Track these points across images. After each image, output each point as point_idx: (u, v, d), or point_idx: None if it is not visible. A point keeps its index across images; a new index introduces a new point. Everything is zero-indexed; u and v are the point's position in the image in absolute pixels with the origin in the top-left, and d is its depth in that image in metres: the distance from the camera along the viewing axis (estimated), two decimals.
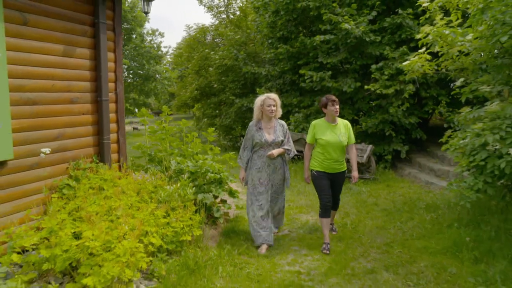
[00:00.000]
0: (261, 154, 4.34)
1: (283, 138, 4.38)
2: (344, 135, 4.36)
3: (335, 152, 4.34)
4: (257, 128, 4.34)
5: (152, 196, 4.01)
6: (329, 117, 4.38)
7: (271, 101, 4.28)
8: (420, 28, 5.63)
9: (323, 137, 4.31)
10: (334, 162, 4.37)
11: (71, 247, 2.91)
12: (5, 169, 3.32)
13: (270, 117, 4.31)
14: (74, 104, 4.01)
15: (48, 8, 3.65)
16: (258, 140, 4.29)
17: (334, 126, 4.37)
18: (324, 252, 4.25)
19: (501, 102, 4.12)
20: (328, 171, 4.39)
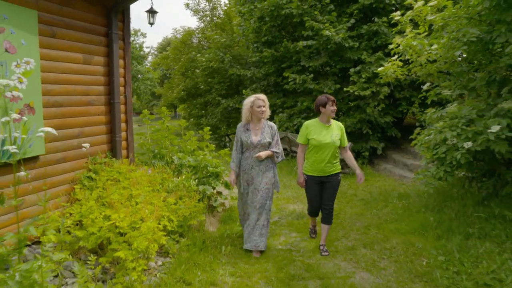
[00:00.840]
0: (247, 156, 4.29)
1: (270, 140, 4.29)
2: (337, 136, 4.25)
3: (328, 153, 4.21)
4: (245, 129, 4.29)
5: (161, 187, 4.57)
6: (324, 118, 4.27)
7: (260, 102, 4.21)
8: (394, 35, 6.34)
9: (315, 137, 4.20)
10: (326, 163, 4.24)
11: (103, 227, 3.46)
12: (38, 163, 3.83)
13: (259, 118, 4.26)
14: (91, 106, 4.53)
15: (71, 22, 4.16)
16: (244, 141, 4.24)
17: (328, 126, 4.26)
18: (312, 236, 4.77)
19: (459, 104, 4.87)
20: (320, 174, 4.29)
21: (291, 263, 4.12)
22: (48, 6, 3.87)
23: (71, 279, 3.33)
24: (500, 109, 4.26)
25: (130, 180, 4.31)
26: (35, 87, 3.67)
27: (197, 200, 4.66)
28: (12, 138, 3.43)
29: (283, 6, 9.98)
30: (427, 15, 5.32)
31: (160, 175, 4.82)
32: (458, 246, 4.14)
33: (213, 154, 6.01)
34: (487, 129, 4.08)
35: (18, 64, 3.48)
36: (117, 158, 4.85)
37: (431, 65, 5.62)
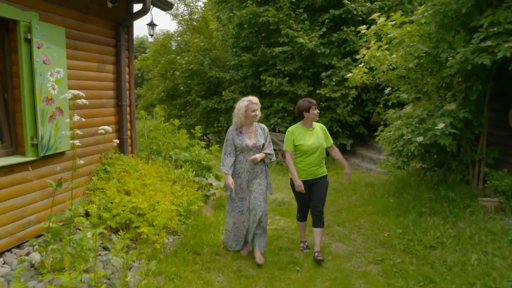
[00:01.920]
0: (241, 160, 4.23)
1: (264, 142, 4.28)
2: (322, 138, 4.30)
3: (316, 156, 4.24)
4: (238, 132, 4.23)
5: (166, 178, 5.31)
6: (307, 122, 4.28)
7: (254, 105, 4.18)
8: (361, 42, 7.32)
9: (303, 143, 4.19)
10: (314, 166, 4.26)
11: (125, 210, 4.18)
12: (65, 157, 4.49)
13: (253, 121, 4.24)
14: (103, 108, 5.21)
15: (89, 36, 4.83)
16: (238, 144, 4.17)
17: (312, 130, 4.28)
18: (304, 251, 4.47)
19: (414, 106, 5.87)
20: (309, 177, 4.28)
21: (279, 238, 4.97)
22: (72, 23, 4.53)
23: (101, 251, 4.04)
24: (445, 110, 5.27)
25: (140, 172, 5.03)
26: (63, 92, 4.33)
27: (196, 189, 5.43)
28: (60, 134, 4.09)
29: (261, 14, 10.81)
30: (388, 32, 6.32)
31: (163, 168, 5.55)
32: (412, 222, 5.12)
33: (204, 150, 6.77)
34: (435, 127, 5.07)
35: (52, 73, 4.14)
36: (125, 154, 5.53)
37: (392, 72, 6.62)
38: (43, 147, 4.05)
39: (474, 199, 5.27)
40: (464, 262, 3.82)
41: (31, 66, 3.90)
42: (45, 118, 4.07)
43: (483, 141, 5.73)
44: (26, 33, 3.84)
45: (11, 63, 3.91)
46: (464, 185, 5.82)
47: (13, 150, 3.98)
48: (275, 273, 3.98)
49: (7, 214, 3.73)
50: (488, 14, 4.55)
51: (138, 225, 4.13)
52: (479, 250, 3.95)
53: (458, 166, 5.94)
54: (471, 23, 4.82)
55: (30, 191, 4.01)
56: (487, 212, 4.86)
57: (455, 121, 5.13)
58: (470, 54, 4.58)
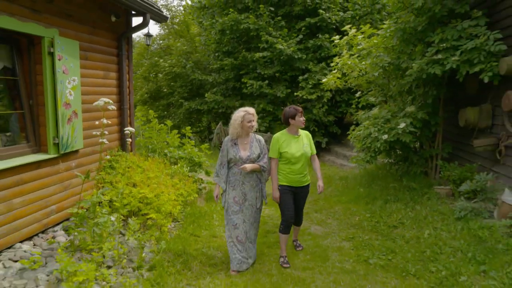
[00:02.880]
0: (235, 171, 4.13)
1: (260, 153, 4.17)
2: (307, 146, 4.29)
3: (300, 164, 4.21)
4: (232, 143, 4.14)
5: (165, 172, 5.98)
6: (293, 129, 4.26)
7: (251, 116, 4.08)
8: (334, 49, 8.17)
9: (288, 150, 4.16)
10: (298, 174, 4.23)
11: (135, 199, 4.84)
12: (78, 154, 5.10)
13: (249, 132, 4.15)
14: (108, 111, 5.82)
15: (96, 47, 5.45)
16: (232, 156, 4.08)
17: (297, 137, 4.26)
18: (284, 266, 4.26)
19: (380, 108, 6.76)
20: (293, 184, 4.25)
21: (265, 224, 5.74)
22: (83, 36, 5.15)
23: (116, 234, 4.69)
24: (406, 112, 6.16)
25: (143, 168, 5.68)
26: (77, 98, 4.95)
27: (191, 182, 6.12)
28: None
29: (242, 21, 11.55)
30: (358, 42, 7.19)
31: (161, 164, 6.21)
32: (379, 207, 5.98)
33: (196, 148, 7.46)
34: (397, 126, 5.95)
35: (69, 81, 4.76)
36: (126, 152, 6.16)
37: (362, 78, 7.49)
38: (63, 145, 4.66)
39: (431, 188, 6.18)
40: (419, 237, 4.69)
41: (53, 76, 4.51)
42: (64, 121, 4.68)
43: (439, 138, 6.66)
44: (50, 47, 4.45)
45: (36, 73, 4.51)
46: (423, 176, 6.75)
47: (37, 148, 4.58)
48: (265, 251, 4.74)
49: (35, 204, 4.33)
50: (438, 32, 5.46)
51: (147, 212, 4.80)
52: (431, 227, 4.82)
53: (418, 160, 6.86)
54: (426, 38, 5.72)
55: (52, 184, 4.62)
56: (440, 197, 5.77)
57: (414, 121, 6.02)
58: (425, 65, 5.47)
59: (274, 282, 3.89)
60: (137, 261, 3.99)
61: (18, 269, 3.59)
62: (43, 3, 4.38)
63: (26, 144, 4.47)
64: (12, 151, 4.20)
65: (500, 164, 5.24)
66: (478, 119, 5.63)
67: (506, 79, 4.99)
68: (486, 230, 4.30)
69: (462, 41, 5.21)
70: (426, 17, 5.60)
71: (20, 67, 4.45)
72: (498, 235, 4.12)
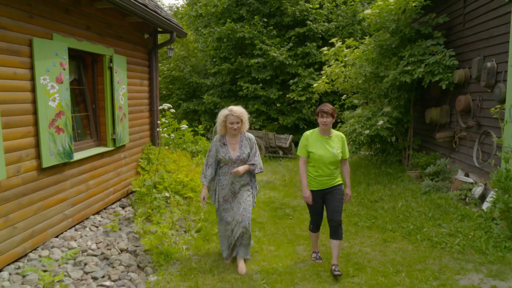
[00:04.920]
0: (225, 171, 4.02)
1: (249, 152, 4.03)
2: (338, 149, 3.97)
3: (329, 167, 3.95)
4: (221, 143, 3.99)
5: (190, 162, 7.27)
6: (321, 129, 3.99)
7: (233, 118, 3.87)
8: (322, 57, 9.62)
9: (315, 151, 3.92)
10: (328, 177, 3.99)
11: (174, 183, 6.11)
12: (126, 148, 6.34)
13: (233, 134, 3.98)
14: (142, 113, 7.07)
15: (136, 60, 6.70)
16: (221, 156, 3.94)
17: (328, 138, 3.96)
18: (317, 261, 4.23)
19: (362, 108, 8.23)
20: (322, 187, 4.02)
21: (273, 203, 7.10)
22: (127, 52, 6.38)
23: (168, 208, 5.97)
24: (383, 111, 7.63)
25: (173, 158, 6.96)
26: (126, 102, 6.20)
27: None
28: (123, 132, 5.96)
29: (237, 31, 12.87)
30: (344, 55, 8.64)
31: (185, 156, 7.50)
32: (363, 189, 7.42)
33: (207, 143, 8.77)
34: (377, 123, 7.41)
35: (121, 89, 6.00)
36: (155, 146, 7.42)
37: (347, 83, 8.95)
38: (118, 140, 5.91)
39: (404, 172, 7.68)
40: (394, 207, 6.13)
41: (111, 85, 5.75)
42: (118, 121, 5.92)
43: (410, 133, 8.18)
44: (109, 63, 5.69)
45: (98, 83, 5.74)
46: (398, 163, 8.25)
47: (98, 142, 5.81)
48: (277, 221, 6.10)
49: (101, 186, 5.57)
50: (408, 49, 6.94)
51: (184, 192, 6.10)
52: (403, 200, 6.28)
53: (394, 151, 8.37)
54: (399, 53, 7.20)
55: (110, 171, 5.86)
56: (411, 179, 7.26)
57: (390, 119, 7.49)
58: (398, 74, 6.94)
59: (290, 239, 5.26)
60: (186, 226, 5.29)
61: (103, 231, 4.85)
62: (106, 29, 5.62)
63: (91, 139, 5.71)
64: (85, 145, 5.44)
65: (455, 151, 6.76)
66: (439, 117, 7.15)
67: (459, 86, 6.50)
68: (443, 199, 5.79)
69: (426, 56, 6.70)
70: (398, 36, 7.08)
71: (85, 78, 5.67)
72: (451, 202, 5.61)
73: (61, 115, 4.49)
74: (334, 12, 13.46)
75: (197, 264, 4.20)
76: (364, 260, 4.38)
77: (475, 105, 6.05)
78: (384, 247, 4.75)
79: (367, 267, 4.19)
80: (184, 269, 4.06)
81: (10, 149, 3.78)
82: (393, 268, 4.10)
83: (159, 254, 4.20)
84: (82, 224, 5.04)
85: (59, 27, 4.53)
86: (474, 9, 6.09)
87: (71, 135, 4.69)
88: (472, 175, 6.11)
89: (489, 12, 5.60)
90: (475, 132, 6.08)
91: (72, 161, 4.78)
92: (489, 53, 5.64)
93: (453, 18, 6.82)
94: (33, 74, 4.07)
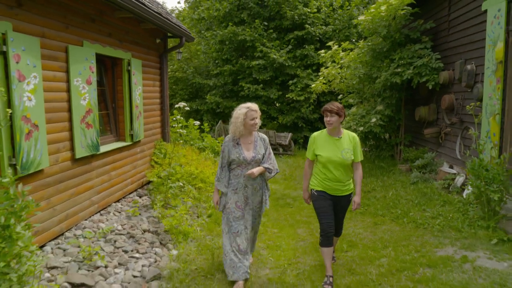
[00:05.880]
0: (238, 174, 3.73)
1: (264, 153, 3.79)
2: (349, 152, 3.62)
3: (337, 171, 3.63)
4: (234, 143, 3.74)
5: (198, 157, 7.88)
6: (329, 129, 3.69)
7: (254, 113, 3.69)
8: (320, 59, 10.26)
9: (322, 153, 3.63)
10: (337, 183, 3.66)
11: (186, 174, 6.73)
12: (140, 143, 6.96)
13: (251, 131, 3.75)
14: (154, 111, 7.69)
15: (149, 63, 7.31)
16: (235, 157, 3.68)
17: (337, 140, 3.65)
18: (326, 286, 3.66)
19: (357, 107, 8.86)
20: (329, 192, 3.70)
21: (274, 193, 7.71)
22: (143, 56, 7.00)
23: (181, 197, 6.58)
24: (376, 110, 8.27)
25: (183, 153, 7.58)
26: (141, 102, 6.82)
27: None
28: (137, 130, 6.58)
29: (239, 34, 13.49)
30: (340, 57, 9.28)
31: (193, 151, 8.12)
32: (363, 185, 8.04)
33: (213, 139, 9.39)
34: (370, 120, 8.04)
35: (137, 90, 6.61)
36: (166, 142, 8.04)
37: (343, 84, 9.58)
38: (135, 136, 6.52)
39: (395, 166, 8.32)
40: (385, 196, 6.76)
41: (129, 86, 6.36)
42: (135, 118, 6.54)
43: (402, 130, 8.81)
44: (127, 66, 6.31)
45: (117, 84, 6.35)
46: (391, 158, 8.89)
47: (118, 138, 6.42)
48: (279, 209, 6.73)
49: (121, 177, 6.18)
50: (398, 52, 7.58)
51: (195, 183, 6.71)
52: (393, 190, 6.91)
53: (387, 147, 9.00)
54: (390, 56, 7.84)
55: (128, 163, 6.47)
56: (401, 172, 7.89)
57: (383, 117, 8.12)
58: (389, 76, 7.57)
59: (291, 223, 5.88)
60: (198, 212, 5.91)
61: (125, 216, 5.47)
62: (124, 35, 6.24)
63: (111, 135, 6.32)
64: (106, 139, 6.05)
65: (441, 146, 7.40)
66: (427, 114, 7.79)
67: (444, 87, 7.15)
68: (429, 188, 6.43)
69: (415, 59, 7.34)
70: (389, 41, 7.72)
71: (106, 80, 6.28)
72: (435, 190, 6.25)
73: (90, 112, 5.11)
74: (331, 16, 14.10)
75: (211, 242, 4.82)
76: (356, 239, 5.01)
77: (458, 103, 6.69)
78: (375, 228, 5.38)
79: (359, 244, 4.82)
80: (200, 245, 4.68)
81: (51, 141, 4.39)
82: (382, 245, 4.73)
83: (178, 233, 4.82)
84: (106, 210, 5.65)
85: (87, 35, 5.15)
86: (457, 16, 6.73)
87: (97, 130, 5.30)
88: (455, 167, 6.75)
89: (469, 20, 6.24)
90: (458, 128, 6.72)
91: (98, 154, 5.40)
92: (469, 57, 6.27)
93: (439, 24, 7.46)
94: (68, 76, 4.69)
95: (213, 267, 4.10)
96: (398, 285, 3.69)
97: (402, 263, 4.13)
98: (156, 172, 6.75)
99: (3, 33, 3.61)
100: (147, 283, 3.71)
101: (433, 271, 3.90)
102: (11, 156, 3.75)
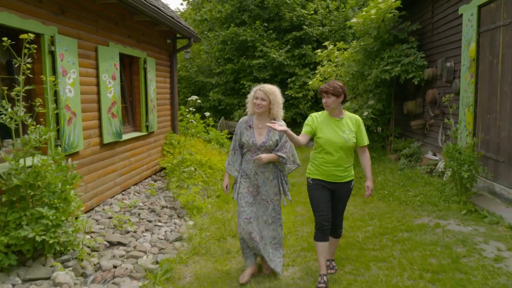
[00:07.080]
0: (248, 159, 3.50)
1: (278, 140, 3.46)
2: (351, 133, 3.36)
3: (338, 154, 3.35)
4: (247, 125, 3.51)
5: (205, 146, 8.62)
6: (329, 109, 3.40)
7: (260, 93, 3.41)
8: (316, 58, 11.01)
9: (322, 135, 3.33)
10: (336, 167, 3.37)
11: (196, 161, 7.47)
12: (153, 134, 7.69)
13: (259, 112, 3.44)
14: (165, 106, 8.43)
15: (161, 62, 8.05)
16: (245, 140, 3.46)
17: (338, 120, 3.39)
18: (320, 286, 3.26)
19: (351, 102, 9.62)
20: (328, 179, 3.40)
21: None
22: (155, 55, 7.73)
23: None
24: (368, 104, 9.02)
25: (192, 144, 8.32)
26: (154, 96, 7.55)
27: (224, 154, 8.79)
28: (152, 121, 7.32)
29: (240, 34, 14.24)
30: (335, 56, 10.04)
31: (201, 142, 8.85)
32: (355, 172, 8.79)
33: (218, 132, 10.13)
34: (362, 114, 8.78)
35: (151, 85, 7.34)
36: (176, 134, 8.77)
37: (338, 80, 10.31)
38: (149, 127, 7.25)
39: (386, 156, 9.07)
40: (375, 180, 7.50)
41: (145, 82, 7.10)
42: (150, 111, 7.27)
43: (392, 123, 9.57)
44: (143, 64, 7.04)
45: (134, 80, 7.09)
46: (382, 149, 9.65)
47: (135, 128, 7.16)
48: None
49: (138, 163, 6.92)
50: (387, 51, 8.33)
51: (204, 169, 7.45)
52: (383, 175, 7.66)
53: (378, 138, 9.76)
54: (380, 55, 8.59)
55: (144, 152, 7.21)
56: (391, 161, 8.65)
57: (374, 110, 8.87)
58: (379, 73, 8.32)
59: (290, 204, 6.62)
60: (208, 193, 6.65)
61: (144, 196, 6.21)
62: (141, 36, 6.98)
63: (129, 125, 7.06)
64: (126, 129, 6.79)
65: (426, 136, 8.16)
66: (414, 108, 8.54)
67: (428, 82, 7.90)
68: (414, 173, 7.19)
69: (402, 57, 8.09)
70: (379, 41, 8.47)
71: (124, 76, 7.02)
72: (419, 174, 7.02)
73: (114, 104, 5.84)
74: (328, 17, 14.86)
75: (221, 216, 5.56)
76: (347, 214, 5.75)
77: (439, 97, 7.44)
78: (364, 206, 6.14)
79: (350, 218, 5.57)
80: (212, 218, 5.42)
81: (85, 127, 5.13)
82: (369, 217, 5.49)
83: (193, 208, 5.56)
84: (127, 191, 6.39)
85: (112, 37, 5.88)
86: (439, 19, 7.49)
87: (120, 120, 6.04)
88: (438, 154, 7.50)
89: (449, 23, 7.00)
90: (440, 119, 7.48)
91: (121, 141, 6.13)
92: (449, 55, 7.03)
93: (424, 26, 8.21)
94: (98, 72, 5.42)
95: (225, 233, 4.84)
96: (380, 244, 4.45)
97: (384, 230, 4.89)
98: (168, 160, 7.49)
99: (52, 36, 4.34)
100: (170, 243, 4.45)
101: (410, 234, 4.65)
102: (56, 138, 4.49)
